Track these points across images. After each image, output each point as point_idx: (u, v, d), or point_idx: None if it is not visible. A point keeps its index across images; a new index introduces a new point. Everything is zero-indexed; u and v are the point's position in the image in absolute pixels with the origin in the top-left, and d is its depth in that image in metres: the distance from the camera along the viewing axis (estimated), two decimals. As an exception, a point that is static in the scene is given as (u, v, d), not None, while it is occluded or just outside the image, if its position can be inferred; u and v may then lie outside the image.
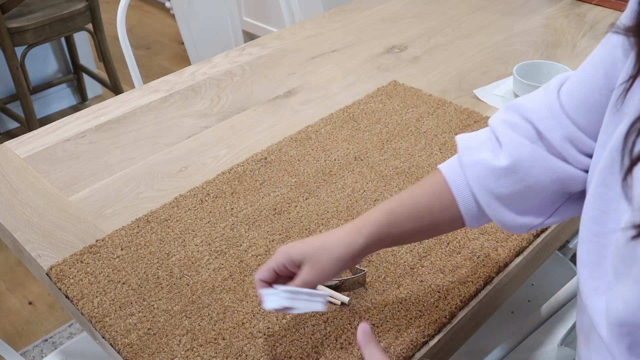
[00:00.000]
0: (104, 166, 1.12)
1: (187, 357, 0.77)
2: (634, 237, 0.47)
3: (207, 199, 1.02)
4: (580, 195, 0.68)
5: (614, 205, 0.54)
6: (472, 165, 0.69)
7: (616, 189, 0.54)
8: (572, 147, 0.65)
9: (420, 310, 0.82)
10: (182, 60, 3.28)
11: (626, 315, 0.50)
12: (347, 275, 0.87)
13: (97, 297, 0.85)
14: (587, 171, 0.66)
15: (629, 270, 0.50)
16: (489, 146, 0.70)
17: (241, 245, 0.93)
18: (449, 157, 1.09)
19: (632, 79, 0.53)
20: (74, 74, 2.86)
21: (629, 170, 0.51)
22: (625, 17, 0.57)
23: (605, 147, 0.56)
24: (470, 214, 0.71)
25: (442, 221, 0.72)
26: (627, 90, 0.54)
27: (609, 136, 0.56)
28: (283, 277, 0.73)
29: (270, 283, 0.72)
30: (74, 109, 2.89)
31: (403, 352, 0.76)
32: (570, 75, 0.68)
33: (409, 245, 0.91)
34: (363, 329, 0.68)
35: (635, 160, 0.51)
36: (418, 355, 0.77)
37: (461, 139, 0.73)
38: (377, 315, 0.81)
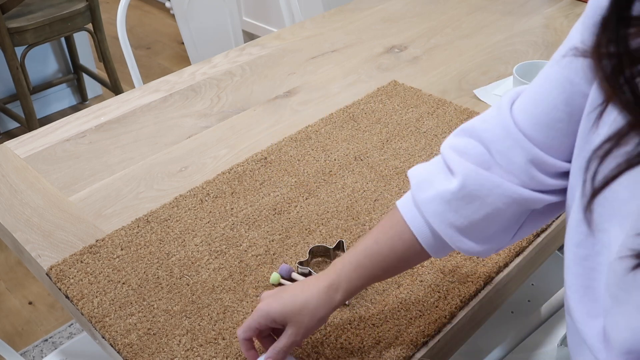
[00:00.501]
0: (104, 166, 1.12)
1: (187, 357, 0.77)
2: (635, 267, 0.46)
3: (207, 199, 1.02)
4: (545, 209, 0.67)
5: (598, 226, 0.53)
6: (428, 202, 0.67)
7: (599, 211, 0.53)
8: (535, 170, 0.62)
9: (420, 310, 0.82)
10: (182, 60, 3.28)
11: (634, 343, 0.49)
12: None
13: (97, 297, 0.85)
14: (550, 192, 0.63)
15: (630, 297, 0.49)
16: (441, 176, 0.67)
17: (241, 245, 0.93)
18: (449, 157, 1.09)
19: (604, 104, 0.50)
20: (74, 74, 2.86)
21: (591, 200, 0.51)
22: (579, 39, 0.55)
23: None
24: (434, 249, 0.70)
25: (408, 258, 0.72)
26: (601, 114, 0.52)
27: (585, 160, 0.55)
28: (264, 332, 0.74)
29: (252, 340, 0.73)
30: (74, 109, 2.89)
31: (403, 352, 0.76)
32: (522, 91, 0.65)
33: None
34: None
35: (597, 190, 0.50)
36: (418, 355, 0.77)
37: (413, 173, 0.70)
38: (377, 315, 0.81)
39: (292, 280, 0.86)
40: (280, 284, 0.86)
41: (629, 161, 0.47)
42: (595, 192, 0.51)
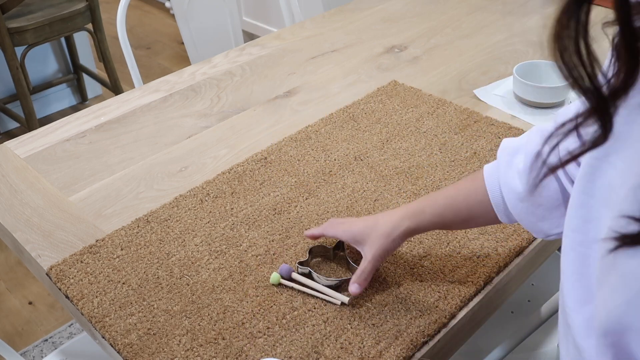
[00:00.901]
0: (104, 166, 1.12)
1: (187, 357, 0.77)
2: (614, 249, 0.46)
3: (207, 199, 1.02)
4: None
5: (595, 213, 0.54)
6: (505, 165, 0.75)
7: (597, 196, 0.53)
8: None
9: (420, 310, 0.82)
10: (182, 60, 3.28)
11: (608, 325, 0.49)
12: (347, 275, 0.87)
13: (97, 297, 0.85)
14: None
15: (607, 279, 0.50)
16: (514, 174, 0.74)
17: (241, 245, 0.93)
18: (448, 157, 1.10)
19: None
20: (74, 74, 2.86)
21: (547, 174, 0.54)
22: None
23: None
24: (499, 209, 0.77)
25: (478, 214, 0.79)
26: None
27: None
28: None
29: (315, 238, 0.88)
30: (74, 109, 2.89)
31: (403, 352, 0.76)
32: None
33: (409, 245, 0.91)
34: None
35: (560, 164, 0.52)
36: (418, 355, 0.77)
37: (503, 145, 0.78)
38: (377, 315, 0.81)
39: (292, 280, 0.86)
40: (280, 284, 0.86)
41: (591, 143, 0.48)
42: (552, 169, 0.53)
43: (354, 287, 0.80)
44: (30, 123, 2.49)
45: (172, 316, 0.82)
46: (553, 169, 0.53)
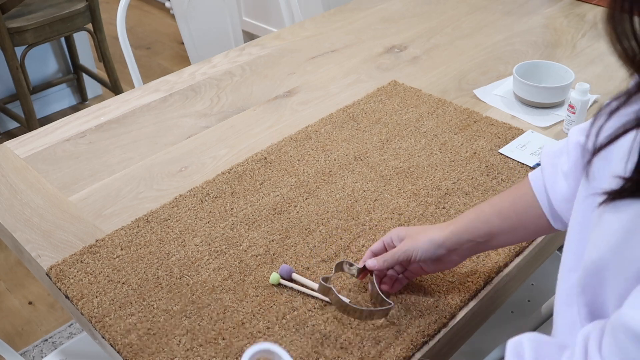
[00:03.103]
0: (104, 166, 1.12)
1: (187, 357, 0.77)
2: (599, 204, 0.50)
3: (207, 199, 1.02)
4: None
5: (601, 183, 0.55)
6: (548, 167, 0.75)
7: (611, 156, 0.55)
8: None
9: (420, 310, 0.82)
10: (182, 60, 3.28)
11: (586, 266, 0.53)
12: (374, 306, 0.82)
13: (97, 297, 0.85)
14: None
15: (588, 233, 0.53)
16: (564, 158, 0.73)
17: (241, 245, 0.93)
18: (448, 157, 1.09)
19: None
20: (73, 74, 2.86)
21: (593, 155, 0.54)
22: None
23: None
24: (548, 212, 0.75)
25: (527, 220, 0.77)
26: None
27: None
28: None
29: (375, 255, 0.83)
30: (74, 109, 2.89)
31: (403, 352, 0.76)
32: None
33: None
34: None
35: (601, 146, 0.52)
36: (418, 355, 0.77)
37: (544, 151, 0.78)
38: (377, 315, 0.81)
39: (292, 280, 0.86)
40: (280, 284, 0.86)
41: (637, 120, 0.48)
42: (599, 148, 0.53)
43: (370, 261, 0.81)
44: (30, 123, 2.49)
45: (172, 316, 0.82)
46: (600, 148, 0.53)
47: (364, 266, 0.82)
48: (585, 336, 0.50)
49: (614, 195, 0.50)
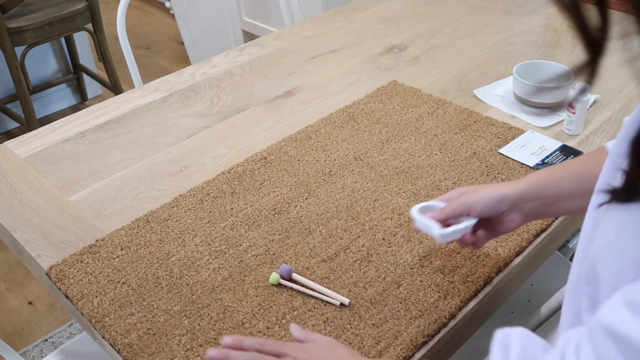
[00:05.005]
0: (104, 166, 1.12)
1: (187, 357, 0.77)
2: (600, 205, 0.50)
3: (207, 199, 1.02)
4: None
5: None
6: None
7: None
8: None
9: (420, 310, 0.82)
10: (182, 60, 3.28)
11: (586, 256, 0.54)
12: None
13: (97, 297, 0.85)
14: None
15: (593, 231, 0.53)
16: None
17: (241, 245, 0.93)
18: (448, 157, 1.09)
19: None
20: (73, 74, 2.86)
21: None
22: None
23: None
24: None
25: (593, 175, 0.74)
26: None
27: None
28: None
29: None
30: (74, 109, 2.89)
31: (403, 352, 0.76)
32: None
33: (409, 245, 0.91)
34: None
35: None
36: (418, 355, 0.77)
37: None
38: (377, 315, 0.81)
39: (292, 280, 0.86)
40: (280, 284, 0.86)
41: None
42: None
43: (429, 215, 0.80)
44: (30, 123, 2.49)
45: (172, 316, 0.82)
46: None
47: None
48: (566, 339, 0.50)
49: (614, 195, 0.49)
